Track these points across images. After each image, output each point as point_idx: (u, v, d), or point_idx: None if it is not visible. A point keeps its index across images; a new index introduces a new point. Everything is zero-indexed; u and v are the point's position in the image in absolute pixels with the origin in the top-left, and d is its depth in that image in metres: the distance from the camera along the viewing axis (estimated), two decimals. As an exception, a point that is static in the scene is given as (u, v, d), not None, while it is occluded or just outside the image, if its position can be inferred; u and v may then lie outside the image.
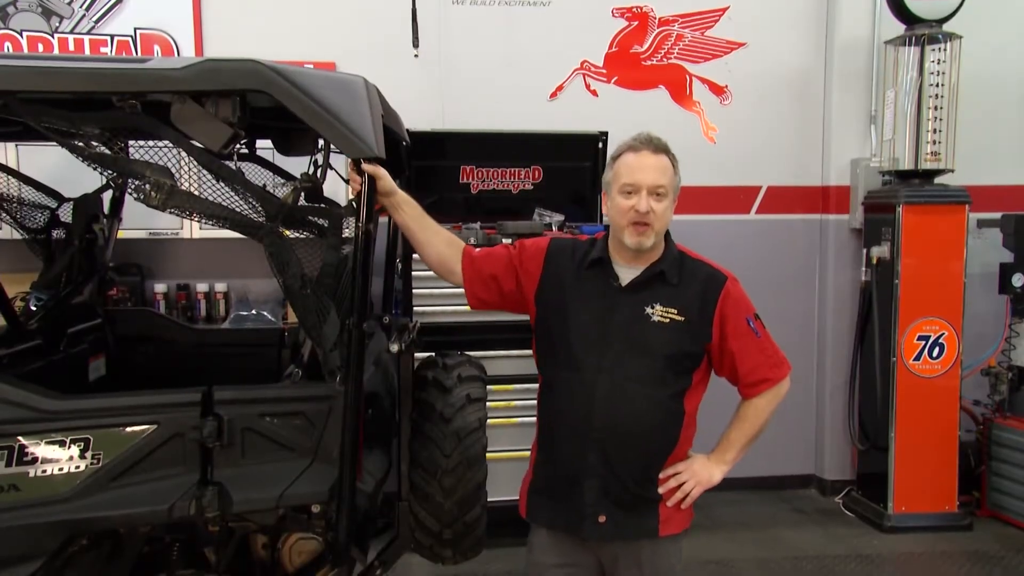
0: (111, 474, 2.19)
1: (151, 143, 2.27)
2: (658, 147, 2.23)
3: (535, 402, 2.42)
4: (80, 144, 2.18)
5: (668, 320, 2.22)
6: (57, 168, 3.67)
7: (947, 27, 4.62)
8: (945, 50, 4.62)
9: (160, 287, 4.65)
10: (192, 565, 2.52)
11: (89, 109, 2.20)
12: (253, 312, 4.56)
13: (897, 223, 4.60)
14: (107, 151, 2.30)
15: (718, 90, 5.11)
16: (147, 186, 2.16)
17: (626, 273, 2.27)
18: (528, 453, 2.49)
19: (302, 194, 2.34)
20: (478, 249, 2.48)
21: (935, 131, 4.63)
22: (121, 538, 2.44)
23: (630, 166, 2.21)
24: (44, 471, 2.16)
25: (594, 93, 5.00)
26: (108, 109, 2.17)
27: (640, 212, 2.16)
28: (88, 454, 2.20)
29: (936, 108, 4.62)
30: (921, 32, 4.60)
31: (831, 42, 5.09)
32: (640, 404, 2.22)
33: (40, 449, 2.16)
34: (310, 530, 2.48)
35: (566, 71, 4.97)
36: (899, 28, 4.73)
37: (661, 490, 2.28)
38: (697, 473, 2.31)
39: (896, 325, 4.65)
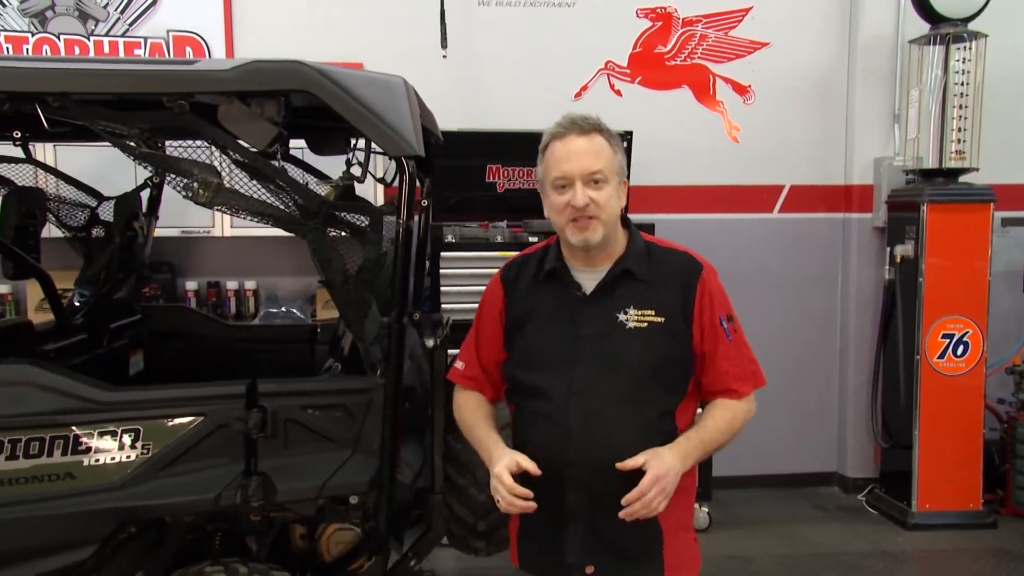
0: (160, 464, 2.27)
1: (188, 143, 2.35)
2: (585, 127, 1.93)
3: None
4: (131, 143, 2.25)
5: (646, 324, 1.92)
6: (92, 168, 3.77)
7: (972, 26, 4.63)
8: (970, 49, 4.63)
9: (191, 284, 4.72)
10: (233, 554, 2.59)
11: (138, 110, 2.27)
12: (282, 309, 4.62)
13: (921, 222, 4.62)
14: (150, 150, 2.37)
15: (741, 90, 5.14)
16: (195, 184, 2.23)
17: (587, 279, 1.99)
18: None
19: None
20: (458, 361, 2.20)
21: (960, 130, 4.64)
22: (165, 527, 2.52)
23: (557, 157, 1.93)
24: (97, 460, 2.24)
25: (618, 93, 5.05)
26: (157, 109, 2.25)
27: (577, 207, 1.89)
28: (138, 444, 2.28)
29: (961, 107, 4.63)
30: (946, 31, 4.62)
31: (855, 41, 5.10)
32: (621, 429, 1.88)
33: (93, 439, 2.23)
34: (347, 521, 2.55)
35: (591, 71, 5.01)
36: (923, 27, 4.74)
37: (626, 507, 1.84)
38: (665, 482, 1.85)
39: (920, 323, 4.66)
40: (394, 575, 2.70)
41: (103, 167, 3.87)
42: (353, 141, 2.84)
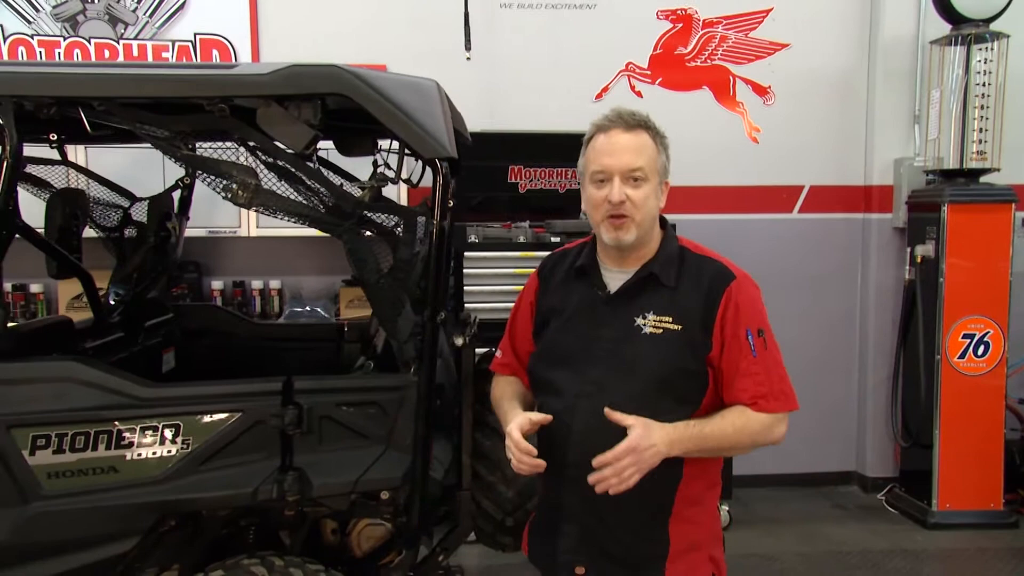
0: (200, 458, 2.32)
1: (218, 144, 2.40)
2: (631, 123, 1.89)
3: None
4: (173, 146, 2.31)
5: (661, 331, 1.85)
6: (120, 168, 3.83)
7: (994, 26, 4.64)
8: (992, 49, 4.64)
9: (217, 283, 4.79)
10: (266, 548, 2.64)
11: (178, 113, 2.33)
12: (307, 308, 4.68)
13: (942, 222, 4.63)
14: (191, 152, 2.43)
15: (761, 90, 5.16)
16: (234, 185, 2.29)
17: (615, 279, 1.94)
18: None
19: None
20: (497, 351, 2.21)
21: (981, 130, 4.65)
22: (200, 521, 2.58)
23: (599, 150, 1.89)
24: (139, 455, 2.29)
25: (639, 94, 5.08)
26: (197, 112, 2.31)
27: (612, 203, 1.83)
28: (179, 439, 2.33)
29: (982, 107, 4.64)
30: (968, 32, 4.63)
31: (875, 42, 5.12)
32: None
33: (135, 434, 2.29)
34: (379, 516, 2.59)
35: (611, 72, 5.04)
36: (944, 28, 4.76)
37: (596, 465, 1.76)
38: (644, 457, 1.76)
39: (941, 323, 4.68)
40: (423, 570, 2.74)
41: (131, 168, 3.94)
42: (380, 143, 2.89)
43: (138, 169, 3.96)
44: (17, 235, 2.42)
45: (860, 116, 5.24)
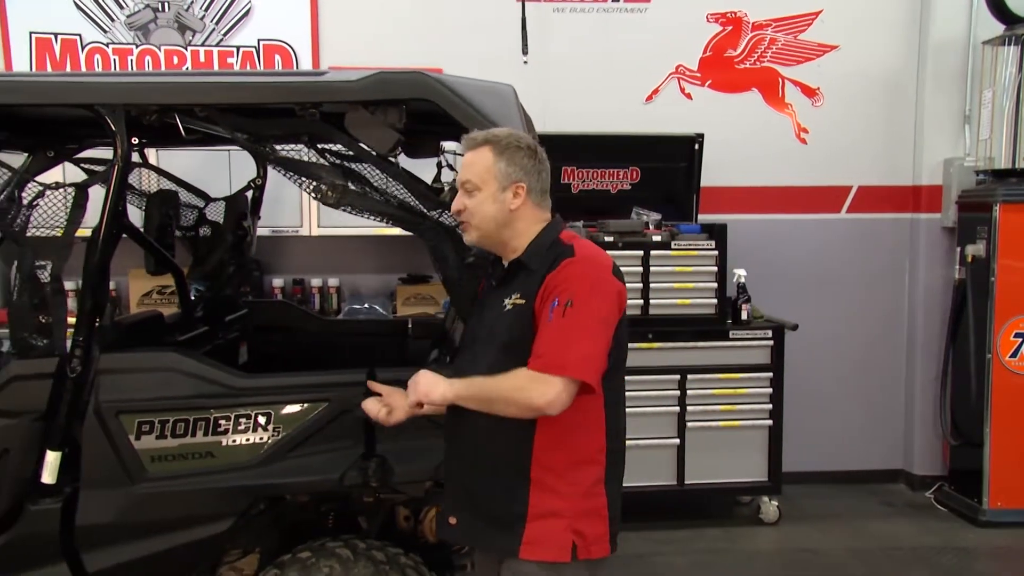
0: (289, 445, 2.45)
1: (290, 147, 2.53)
2: (471, 143, 2.15)
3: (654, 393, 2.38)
4: (266, 148, 2.44)
5: (512, 306, 2.10)
6: (188, 171, 3.99)
7: (1048, 26, 4.66)
8: (1046, 49, 4.67)
9: (277, 281, 4.95)
10: (343, 532, 2.76)
11: (270, 117, 2.47)
12: (365, 306, 4.81)
13: (994, 221, 4.65)
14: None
15: (810, 92, 5.22)
16: (323, 186, 2.42)
17: (501, 271, 2.24)
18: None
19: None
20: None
21: (1034, 130, 4.67)
22: (284, 505, 2.71)
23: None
24: (234, 441, 2.43)
25: (688, 96, 5.16)
26: (289, 117, 2.44)
27: (455, 212, 2.17)
28: (270, 427, 2.47)
29: (1035, 107, 4.66)
30: (1021, 31, 4.65)
31: (925, 43, 5.15)
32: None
33: (230, 421, 2.43)
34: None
35: (661, 75, 5.13)
36: (996, 28, 4.78)
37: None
38: (418, 383, 2.11)
39: (992, 322, 4.70)
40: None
41: (198, 170, 4.09)
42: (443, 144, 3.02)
43: (204, 171, 4.12)
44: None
45: (909, 117, 5.27)
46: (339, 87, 2.37)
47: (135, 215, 2.92)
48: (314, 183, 2.42)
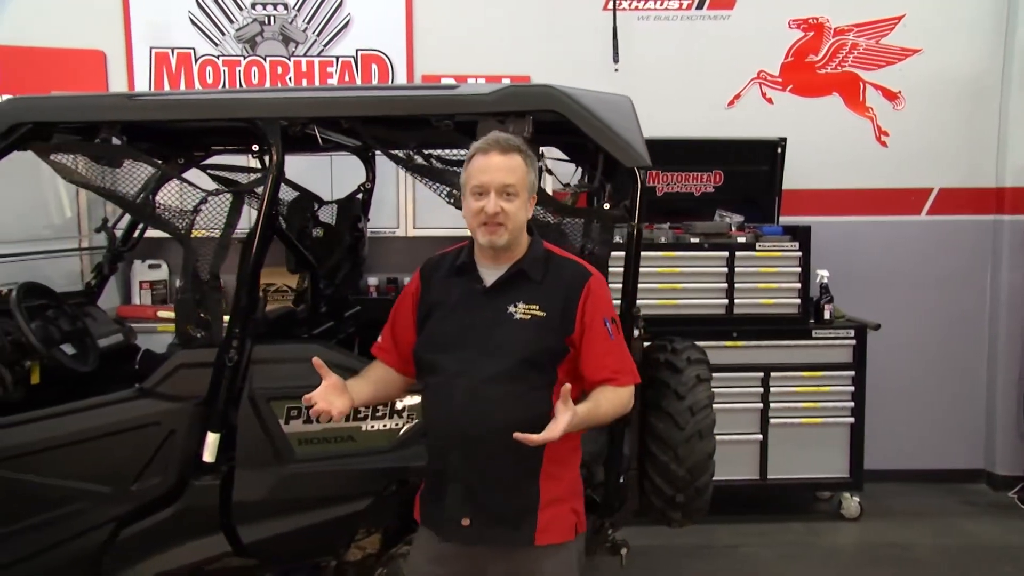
0: (422, 431, 2.64)
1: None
2: (506, 147, 2.18)
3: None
4: (403, 156, 2.65)
5: (529, 316, 2.18)
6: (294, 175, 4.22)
7: None
8: None
9: (372, 280, 5.15)
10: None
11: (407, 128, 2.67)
12: (457, 303, 4.99)
13: (1080, 223, 4.67)
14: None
15: (891, 95, 5.27)
16: (456, 191, 2.62)
17: (490, 275, 2.25)
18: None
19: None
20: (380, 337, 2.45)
21: (1125, 131, 4.67)
22: (407, 488, 2.91)
23: (479, 168, 2.17)
24: (372, 426, 2.65)
25: (769, 101, 5.26)
26: (422, 128, 2.64)
27: (488, 213, 2.14)
28: (404, 413, 2.68)
29: None
30: (1109, 34, 4.66)
31: (1011, 45, 5.17)
32: (497, 404, 2.13)
33: (369, 408, 2.64)
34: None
35: (743, 80, 5.24)
36: (1084, 30, 4.80)
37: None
38: (559, 431, 2.04)
39: (1078, 323, 4.71)
40: (594, 542, 3.01)
41: (302, 175, 4.33)
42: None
43: (306, 176, 4.35)
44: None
45: (992, 118, 5.29)
46: (473, 99, 2.56)
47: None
48: (448, 189, 2.62)
